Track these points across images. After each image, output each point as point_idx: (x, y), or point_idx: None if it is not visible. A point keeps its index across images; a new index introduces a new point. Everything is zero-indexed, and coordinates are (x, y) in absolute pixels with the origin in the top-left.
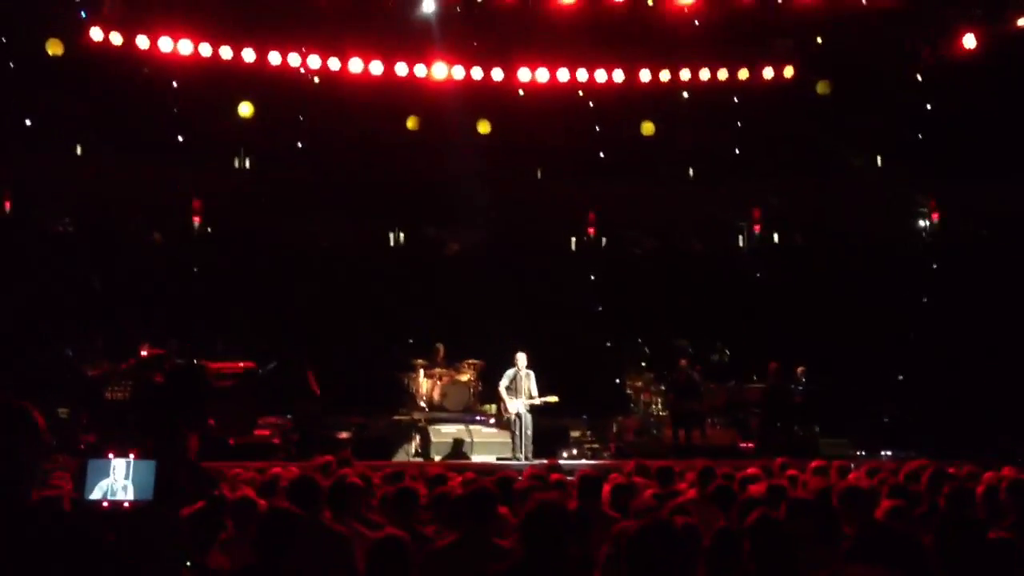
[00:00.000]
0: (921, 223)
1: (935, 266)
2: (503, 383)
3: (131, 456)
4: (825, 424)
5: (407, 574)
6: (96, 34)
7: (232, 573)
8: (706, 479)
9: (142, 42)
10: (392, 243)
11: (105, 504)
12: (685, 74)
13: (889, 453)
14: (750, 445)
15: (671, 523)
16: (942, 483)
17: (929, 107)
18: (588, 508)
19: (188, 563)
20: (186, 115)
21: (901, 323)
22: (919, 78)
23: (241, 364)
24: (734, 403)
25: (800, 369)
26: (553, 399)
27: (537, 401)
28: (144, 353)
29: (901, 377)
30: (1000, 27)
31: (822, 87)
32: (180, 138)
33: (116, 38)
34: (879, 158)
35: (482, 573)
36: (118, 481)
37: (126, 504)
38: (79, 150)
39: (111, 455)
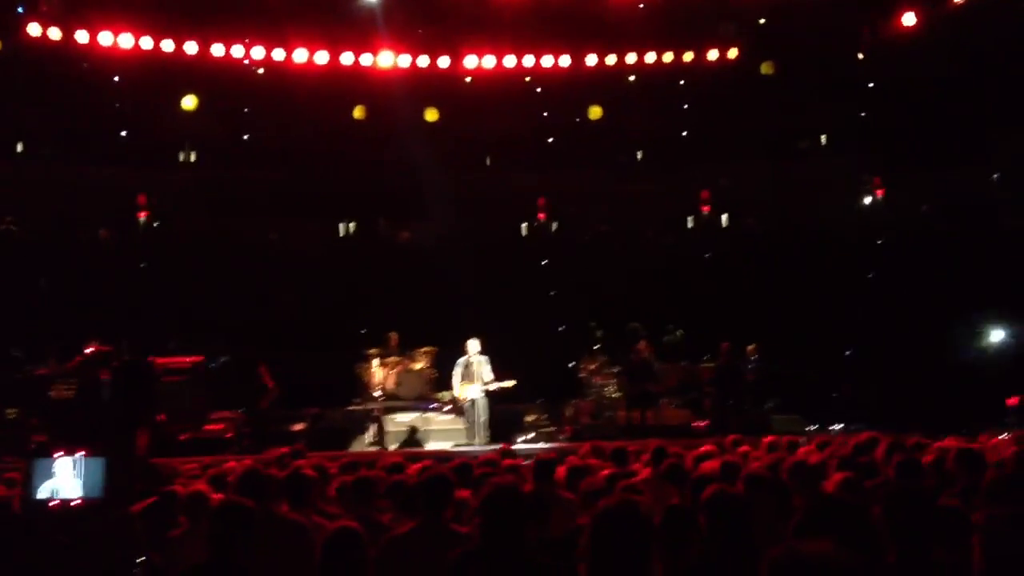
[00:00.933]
0: (866, 200)
1: (880, 242)
2: (457, 370)
3: (80, 454)
4: (777, 401)
5: (362, 566)
6: (34, 30)
7: (187, 568)
8: (659, 458)
9: (81, 37)
10: (342, 233)
11: (53, 503)
12: (631, 58)
13: (840, 427)
14: (704, 424)
15: (634, 504)
16: (894, 454)
17: (871, 85)
18: (544, 491)
19: (140, 559)
20: (129, 110)
21: (849, 299)
22: (860, 57)
23: (190, 359)
24: (687, 383)
25: (751, 347)
26: (510, 383)
27: (494, 386)
28: (90, 350)
29: (849, 352)
30: (939, 4)
31: (766, 68)
32: (123, 133)
33: (55, 33)
34: (824, 137)
35: (440, 559)
36: (66, 479)
37: (76, 502)
38: (20, 147)
39: (57, 454)
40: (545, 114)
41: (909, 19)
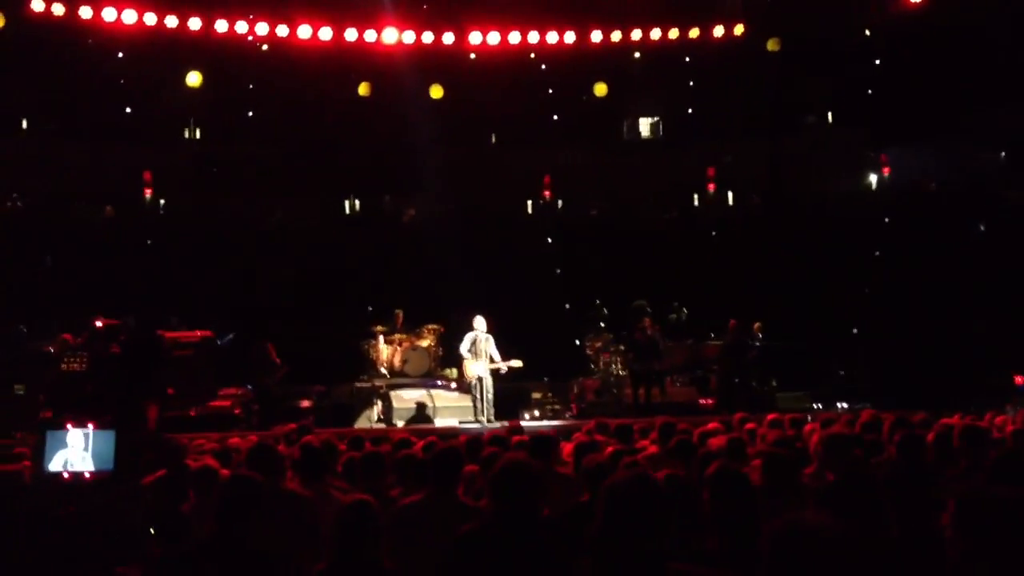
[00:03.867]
0: (872, 178)
1: (887, 220)
2: (464, 346)
3: (90, 427)
4: (782, 378)
5: (377, 537)
6: (37, 5)
7: (196, 542)
8: (667, 434)
9: (85, 12)
10: (348, 211)
11: (66, 475)
12: (636, 34)
13: (845, 405)
14: (710, 402)
15: (648, 476)
16: (897, 431)
17: (877, 62)
18: (542, 468)
19: (151, 531)
20: (133, 87)
21: (855, 277)
22: (867, 34)
23: (199, 333)
24: (693, 361)
25: (757, 325)
26: (518, 364)
27: (502, 366)
28: (99, 324)
29: (856, 331)
30: None
31: (772, 44)
32: (128, 110)
33: (58, 9)
34: (830, 115)
35: (450, 531)
36: (77, 452)
37: (87, 475)
38: (24, 124)
39: (69, 425)
40: (550, 91)
41: None
